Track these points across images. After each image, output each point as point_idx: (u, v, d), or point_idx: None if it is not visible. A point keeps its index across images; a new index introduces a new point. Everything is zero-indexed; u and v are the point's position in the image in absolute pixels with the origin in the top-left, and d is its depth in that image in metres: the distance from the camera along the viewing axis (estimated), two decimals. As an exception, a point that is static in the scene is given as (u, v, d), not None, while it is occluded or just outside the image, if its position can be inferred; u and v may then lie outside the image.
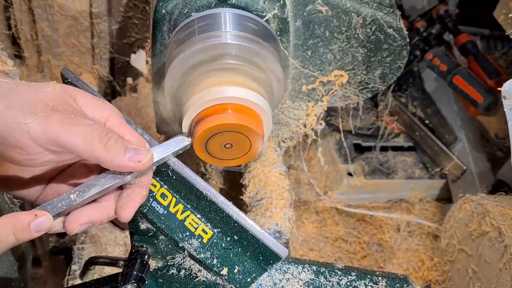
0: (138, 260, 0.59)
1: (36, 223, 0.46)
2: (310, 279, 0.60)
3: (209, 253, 0.57)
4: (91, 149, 0.46)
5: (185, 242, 0.57)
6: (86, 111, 0.50)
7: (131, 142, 0.50)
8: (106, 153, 0.47)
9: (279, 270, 0.60)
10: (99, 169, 0.53)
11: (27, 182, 0.55)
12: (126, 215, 0.51)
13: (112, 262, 0.69)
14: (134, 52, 1.53)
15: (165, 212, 0.57)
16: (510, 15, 0.84)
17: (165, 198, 0.58)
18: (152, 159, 0.51)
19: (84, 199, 0.49)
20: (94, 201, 0.51)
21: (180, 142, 0.58)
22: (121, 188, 0.52)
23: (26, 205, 1.11)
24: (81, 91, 0.51)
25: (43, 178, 0.55)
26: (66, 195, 0.49)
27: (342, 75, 0.91)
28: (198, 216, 0.57)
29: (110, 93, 1.62)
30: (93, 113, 0.50)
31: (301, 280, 0.60)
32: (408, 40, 0.91)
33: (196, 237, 0.57)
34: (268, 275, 0.59)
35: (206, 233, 0.57)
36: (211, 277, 0.59)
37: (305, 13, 0.83)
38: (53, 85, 0.49)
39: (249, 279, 0.57)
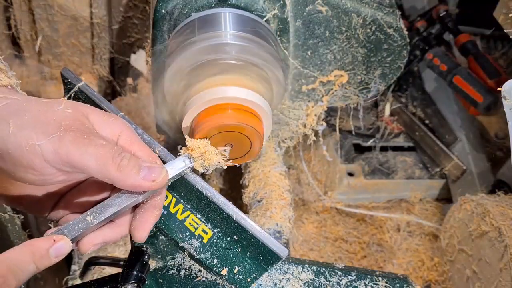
0: (138, 260, 0.59)
1: (55, 248, 0.45)
2: (310, 279, 0.60)
3: (209, 253, 0.57)
4: (104, 171, 0.46)
5: (185, 242, 0.57)
6: (98, 129, 0.49)
7: (143, 159, 0.49)
8: (120, 174, 0.46)
9: (279, 270, 0.60)
10: (111, 186, 0.53)
11: (40, 199, 0.54)
12: (141, 236, 0.50)
13: (112, 262, 0.69)
14: (134, 52, 1.53)
15: (165, 212, 0.57)
16: (510, 15, 0.85)
17: (165, 198, 0.58)
18: (167, 176, 0.49)
19: (101, 221, 0.48)
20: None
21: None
22: (135, 206, 0.52)
23: (30, 217, 1.11)
24: (93, 108, 0.50)
25: (55, 194, 0.54)
26: (82, 217, 0.48)
27: (342, 75, 0.91)
28: (198, 216, 0.57)
29: (110, 93, 1.62)
30: (105, 131, 0.49)
31: (301, 280, 0.60)
32: (408, 40, 0.91)
33: (196, 237, 0.57)
34: (268, 275, 0.59)
35: (206, 233, 0.57)
36: (211, 277, 0.59)
37: (305, 13, 0.83)
38: (64, 103, 0.47)
39: (249, 279, 0.57)
